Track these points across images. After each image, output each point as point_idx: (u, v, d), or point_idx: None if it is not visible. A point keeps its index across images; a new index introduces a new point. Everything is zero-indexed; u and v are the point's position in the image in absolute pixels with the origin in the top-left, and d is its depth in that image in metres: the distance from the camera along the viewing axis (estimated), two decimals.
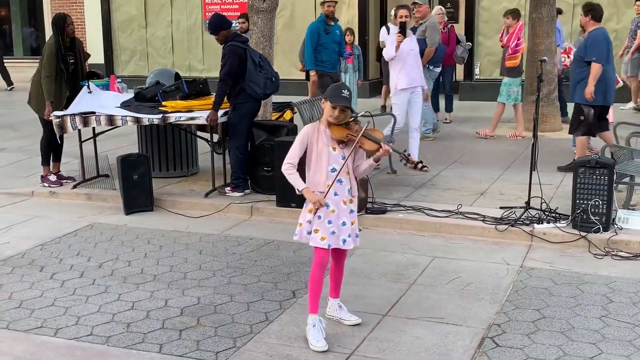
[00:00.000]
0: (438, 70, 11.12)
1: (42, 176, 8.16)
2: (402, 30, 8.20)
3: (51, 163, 8.17)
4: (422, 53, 10.61)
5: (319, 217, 4.23)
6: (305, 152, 4.29)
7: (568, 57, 11.52)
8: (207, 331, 4.46)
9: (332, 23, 10.17)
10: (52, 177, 8.11)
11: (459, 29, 14.87)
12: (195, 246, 6.17)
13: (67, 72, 7.84)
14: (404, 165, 7.17)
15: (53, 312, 4.79)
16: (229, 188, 7.42)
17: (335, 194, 4.25)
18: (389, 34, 13.90)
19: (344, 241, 4.29)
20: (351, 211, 4.33)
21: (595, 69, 7.69)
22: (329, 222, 4.24)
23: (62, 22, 7.80)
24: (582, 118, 7.91)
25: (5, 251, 6.08)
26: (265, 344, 4.28)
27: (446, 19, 12.28)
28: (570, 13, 14.41)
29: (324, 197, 4.21)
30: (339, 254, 4.44)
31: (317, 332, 4.24)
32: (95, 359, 4.14)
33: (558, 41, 12.13)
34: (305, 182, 4.27)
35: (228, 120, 7.34)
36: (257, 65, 7.24)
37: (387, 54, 8.41)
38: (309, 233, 4.28)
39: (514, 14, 10.69)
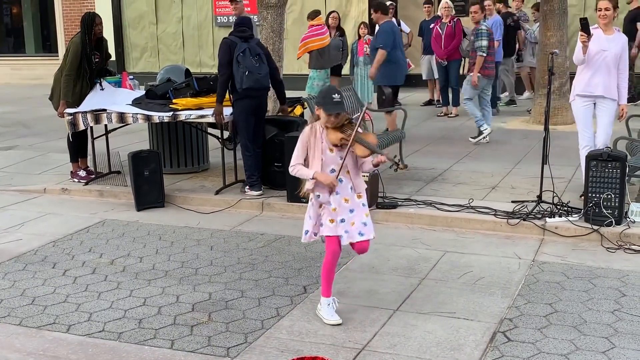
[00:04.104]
0: None
1: (71, 172, 8.25)
2: (585, 28, 6.44)
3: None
4: None
5: (322, 215, 4.43)
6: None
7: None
8: (219, 327, 4.48)
9: None
10: (82, 173, 8.19)
11: (469, 22, 14.80)
12: (206, 242, 6.18)
13: (90, 71, 7.86)
14: (394, 171, 6.99)
15: (65, 309, 4.82)
16: (247, 187, 7.36)
17: (337, 193, 4.40)
18: None
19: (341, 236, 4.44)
20: (352, 210, 4.44)
21: (380, 54, 9.24)
22: (331, 219, 4.41)
23: (90, 21, 7.79)
24: (384, 97, 9.24)
25: (18, 248, 6.11)
26: (277, 339, 4.29)
27: (453, 12, 12.26)
28: (582, 4, 14.33)
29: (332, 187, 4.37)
30: (355, 244, 4.50)
31: (331, 309, 4.43)
32: (107, 355, 4.16)
33: (498, 36, 11.93)
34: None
35: (232, 118, 7.34)
36: (236, 60, 7.05)
37: (574, 58, 6.70)
38: (321, 225, 4.44)
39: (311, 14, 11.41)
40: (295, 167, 4.43)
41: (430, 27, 12.91)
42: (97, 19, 7.86)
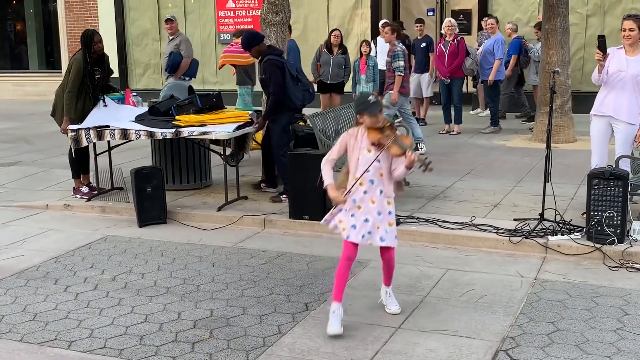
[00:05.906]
0: (189, 82, 11.22)
1: (74, 188, 8.26)
2: (601, 46, 6.35)
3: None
4: (177, 65, 10.73)
5: (346, 210, 4.55)
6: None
7: None
8: (220, 344, 4.47)
9: None
10: (85, 189, 8.19)
11: (472, 40, 14.90)
12: (208, 258, 6.18)
13: (92, 87, 7.89)
14: (422, 172, 6.93)
15: (67, 325, 4.81)
16: (284, 195, 7.54)
17: (365, 192, 4.54)
18: (376, 47, 14.23)
19: (363, 236, 4.54)
20: (380, 213, 4.57)
21: None
22: (352, 215, 4.54)
23: (89, 39, 7.84)
24: None
25: (20, 264, 6.11)
26: (278, 357, 4.28)
27: (457, 31, 12.38)
28: (583, 24, 14.39)
29: (347, 193, 4.53)
30: (381, 250, 4.72)
31: (334, 318, 4.48)
32: None
33: (499, 54, 12.38)
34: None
35: (270, 133, 7.67)
36: (295, 79, 7.50)
37: (592, 77, 6.67)
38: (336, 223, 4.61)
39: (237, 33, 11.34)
40: (326, 165, 4.60)
41: (422, 46, 13.27)
42: (95, 37, 7.91)
